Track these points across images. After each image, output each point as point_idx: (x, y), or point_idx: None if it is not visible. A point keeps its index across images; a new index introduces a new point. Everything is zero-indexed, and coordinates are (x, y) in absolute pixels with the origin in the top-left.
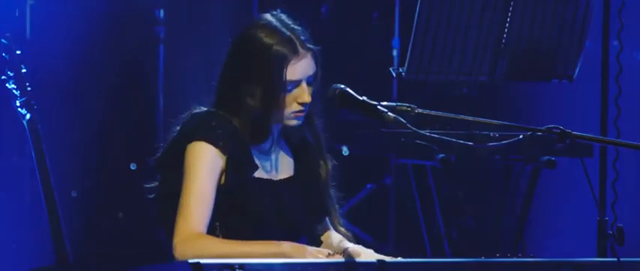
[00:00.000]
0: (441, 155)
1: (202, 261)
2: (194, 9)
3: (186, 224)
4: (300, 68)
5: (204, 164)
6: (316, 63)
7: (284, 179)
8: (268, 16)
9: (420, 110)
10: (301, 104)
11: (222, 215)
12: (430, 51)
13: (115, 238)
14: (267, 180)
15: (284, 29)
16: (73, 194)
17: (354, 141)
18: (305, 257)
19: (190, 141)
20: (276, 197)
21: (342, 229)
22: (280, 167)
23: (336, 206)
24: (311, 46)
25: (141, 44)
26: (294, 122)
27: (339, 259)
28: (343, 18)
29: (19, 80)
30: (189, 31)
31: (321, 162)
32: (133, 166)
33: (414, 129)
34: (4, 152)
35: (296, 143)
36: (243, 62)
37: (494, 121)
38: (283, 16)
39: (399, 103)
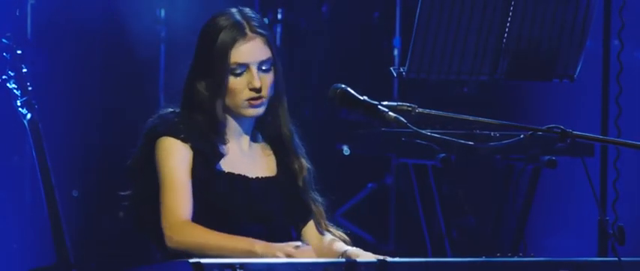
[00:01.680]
0: (442, 154)
1: (203, 261)
2: (194, 9)
3: (172, 213)
4: (247, 50)
5: (174, 156)
6: (271, 49)
7: (261, 177)
8: (228, 8)
9: (420, 110)
10: (253, 90)
11: (195, 209)
12: (431, 50)
13: (115, 238)
14: (238, 175)
15: (237, 15)
16: (74, 193)
17: (355, 141)
18: (276, 254)
19: (156, 139)
20: (248, 194)
21: (333, 230)
22: (257, 166)
23: (321, 208)
24: (263, 31)
25: (141, 44)
26: (250, 111)
27: (307, 251)
28: (344, 18)
29: (19, 80)
30: (189, 31)
31: (296, 165)
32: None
33: (415, 128)
34: (5, 152)
35: (271, 141)
36: (196, 54)
37: (495, 121)
38: (246, 9)
39: (399, 103)
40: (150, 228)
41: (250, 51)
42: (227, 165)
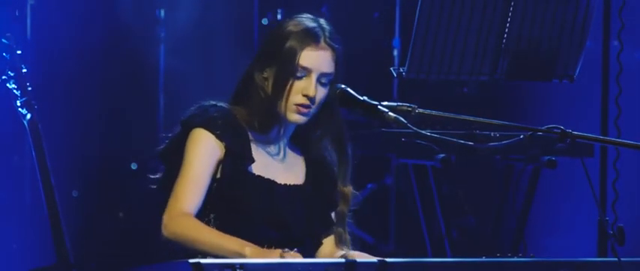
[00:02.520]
0: (442, 155)
1: (203, 261)
2: (194, 9)
3: (177, 202)
4: (316, 57)
5: (201, 149)
6: (336, 64)
7: (288, 185)
8: (306, 14)
9: (420, 110)
10: (306, 97)
11: (218, 207)
12: (431, 51)
13: (115, 238)
14: (266, 179)
15: (313, 22)
16: (74, 194)
17: (355, 141)
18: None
19: (191, 129)
20: (272, 198)
21: (345, 250)
22: (286, 172)
23: (348, 234)
24: (335, 45)
25: (141, 44)
26: (295, 117)
27: (294, 258)
28: (343, 18)
29: (19, 80)
30: (189, 31)
31: (345, 188)
32: (133, 166)
33: (415, 128)
34: (5, 152)
35: (311, 156)
36: (265, 46)
37: (495, 121)
38: (322, 20)
39: (399, 103)
40: None
41: (319, 60)
42: (258, 167)
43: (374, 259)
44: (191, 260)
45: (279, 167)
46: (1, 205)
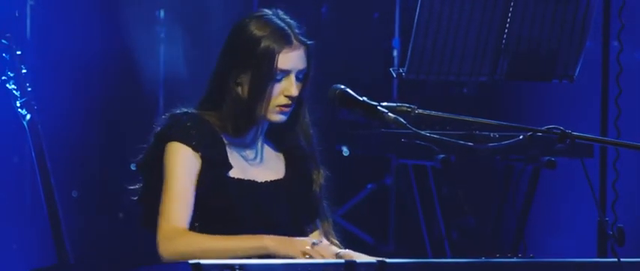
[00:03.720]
0: (442, 155)
1: (202, 262)
2: (194, 9)
3: (167, 222)
4: (292, 58)
5: (180, 163)
6: (308, 60)
7: (269, 181)
8: (263, 10)
9: (420, 110)
10: (288, 97)
11: (202, 215)
12: (430, 51)
13: (115, 238)
14: (247, 181)
15: (278, 21)
16: (74, 194)
17: (355, 142)
18: (291, 249)
19: (166, 142)
20: (256, 199)
21: (335, 241)
22: (265, 170)
23: (329, 217)
24: (305, 41)
25: (141, 44)
26: (278, 117)
27: (325, 249)
28: (343, 18)
29: (19, 81)
30: (189, 31)
31: (315, 172)
32: (133, 166)
33: (415, 129)
34: (5, 152)
35: (287, 147)
36: (234, 51)
37: (495, 121)
38: (280, 12)
39: (399, 103)
40: (154, 225)
41: (295, 60)
42: (236, 170)
43: (372, 259)
44: (191, 261)
45: (258, 166)
46: (1, 205)
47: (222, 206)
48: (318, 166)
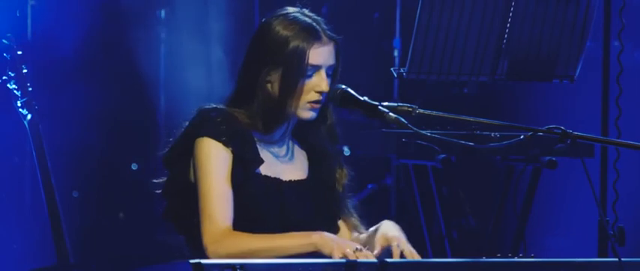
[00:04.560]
0: (442, 155)
1: (203, 261)
2: (194, 9)
3: (212, 223)
4: (323, 53)
5: (214, 160)
6: (337, 56)
7: (293, 180)
8: (288, 8)
9: (420, 110)
10: (318, 93)
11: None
12: (431, 51)
13: (115, 238)
14: (273, 178)
15: (305, 18)
16: (74, 194)
17: (355, 142)
18: (336, 250)
19: (196, 138)
20: (280, 197)
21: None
22: (291, 168)
23: (355, 214)
24: (334, 36)
25: (141, 44)
26: (308, 114)
27: (366, 255)
28: (344, 18)
29: (20, 80)
30: (189, 31)
31: (339, 171)
32: (133, 166)
33: (415, 129)
34: (5, 152)
35: (312, 145)
36: (263, 50)
37: (495, 121)
38: (306, 10)
39: (400, 103)
40: (177, 219)
41: (326, 55)
42: (264, 167)
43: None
44: (191, 261)
45: (286, 164)
46: (1, 205)
47: (249, 203)
48: (342, 165)
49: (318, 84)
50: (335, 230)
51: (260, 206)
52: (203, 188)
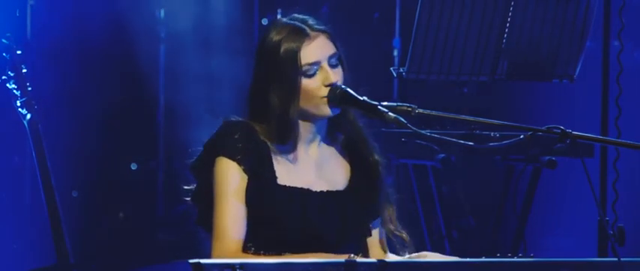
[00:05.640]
0: (442, 155)
1: (203, 261)
2: (194, 9)
3: (221, 244)
4: (316, 48)
5: (227, 181)
6: (334, 43)
7: (325, 191)
8: (278, 17)
9: (420, 110)
10: (329, 86)
11: (253, 230)
12: (431, 51)
13: (115, 238)
14: (298, 188)
15: (291, 21)
16: (74, 194)
17: None
18: None
19: (216, 156)
20: (301, 208)
21: (404, 234)
22: (322, 179)
23: (393, 210)
24: (322, 27)
25: (141, 44)
26: (328, 110)
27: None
28: (344, 18)
29: (19, 80)
30: (189, 31)
31: (371, 160)
32: (133, 166)
33: (415, 129)
34: (5, 152)
35: (348, 141)
36: (261, 64)
37: (495, 121)
38: (295, 15)
39: (399, 103)
40: (207, 223)
41: (319, 49)
42: (285, 178)
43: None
44: (191, 261)
45: (316, 172)
46: (1, 205)
47: (269, 215)
48: (374, 153)
49: (325, 78)
50: (362, 247)
51: (280, 217)
52: (216, 207)
